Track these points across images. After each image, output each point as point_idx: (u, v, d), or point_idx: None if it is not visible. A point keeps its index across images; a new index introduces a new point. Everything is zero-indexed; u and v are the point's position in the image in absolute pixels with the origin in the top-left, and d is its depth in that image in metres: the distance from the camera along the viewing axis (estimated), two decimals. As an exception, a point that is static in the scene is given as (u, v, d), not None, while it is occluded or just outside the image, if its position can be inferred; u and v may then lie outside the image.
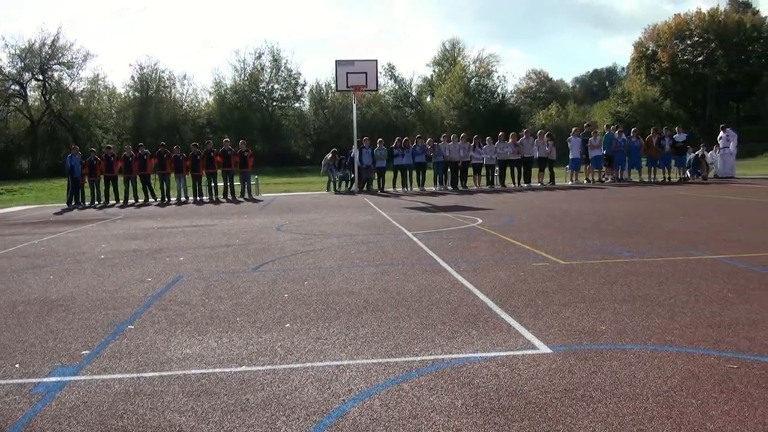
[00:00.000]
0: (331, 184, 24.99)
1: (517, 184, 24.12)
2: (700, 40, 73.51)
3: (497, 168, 24.71)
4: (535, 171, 25.01)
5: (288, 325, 5.41)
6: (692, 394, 3.67)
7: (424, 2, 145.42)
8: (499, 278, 6.96)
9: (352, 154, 24.19)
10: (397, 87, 68.42)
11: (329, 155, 25.41)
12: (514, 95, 78.50)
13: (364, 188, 23.96)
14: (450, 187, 23.94)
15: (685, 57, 74.56)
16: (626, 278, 6.81)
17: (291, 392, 3.91)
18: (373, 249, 9.44)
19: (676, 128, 26.57)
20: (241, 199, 22.18)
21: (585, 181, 24.97)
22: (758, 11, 76.44)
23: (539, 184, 24.20)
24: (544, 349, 4.52)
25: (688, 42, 74.61)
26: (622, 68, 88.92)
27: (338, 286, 6.87)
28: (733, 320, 5.15)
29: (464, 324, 5.20)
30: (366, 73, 23.65)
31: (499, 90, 68.84)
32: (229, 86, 62.68)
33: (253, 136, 56.08)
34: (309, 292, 6.66)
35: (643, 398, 3.62)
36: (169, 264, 8.78)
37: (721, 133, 26.43)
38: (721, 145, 26.12)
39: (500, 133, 25.05)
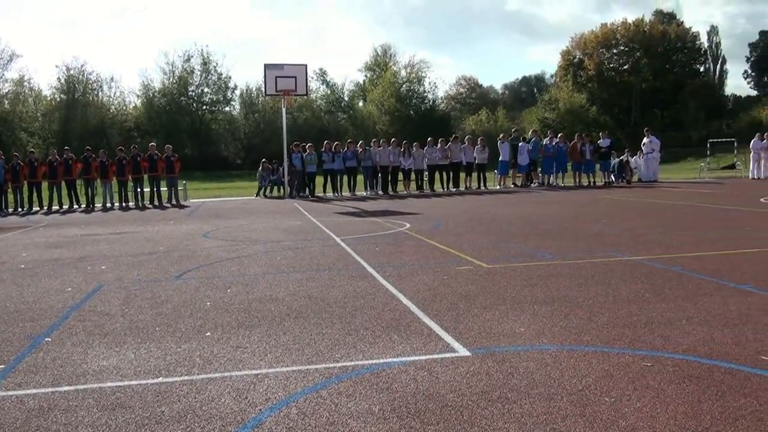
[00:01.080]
0: (261, 190, 24.78)
1: (446, 189, 24.38)
2: (626, 49, 76.03)
3: (426, 173, 24.94)
4: (463, 176, 25.31)
5: (208, 334, 5.32)
6: (606, 392, 3.76)
7: (356, 7, 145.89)
8: (424, 282, 7.01)
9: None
10: (329, 92, 68.33)
11: (261, 167, 25.22)
12: (445, 101, 79.38)
13: (295, 193, 23.84)
14: (380, 192, 24.04)
15: (611, 65, 76.93)
16: (547, 280, 6.95)
17: (207, 403, 3.84)
18: (300, 255, 9.39)
19: (600, 134, 27.28)
20: (168, 205, 21.78)
21: (512, 186, 25.42)
22: (682, 22, 79.46)
23: (468, 189, 24.53)
24: (463, 352, 4.57)
25: (614, 51, 77.05)
26: (550, 75, 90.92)
27: (262, 293, 6.80)
28: (649, 319, 5.31)
29: (386, 329, 5.21)
30: (295, 77, 23.58)
31: (430, 96, 69.61)
32: (157, 89, 61.47)
33: (182, 140, 55.17)
34: (232, 299, 6.58)
35: (557, 398, 3.69)
36: (91, 273, 8.55)
37: (645, 139, 27.29)
38: (644, 150, 26.97)
39: (429, 139, 25.30)
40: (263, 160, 25.91)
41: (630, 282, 6.79)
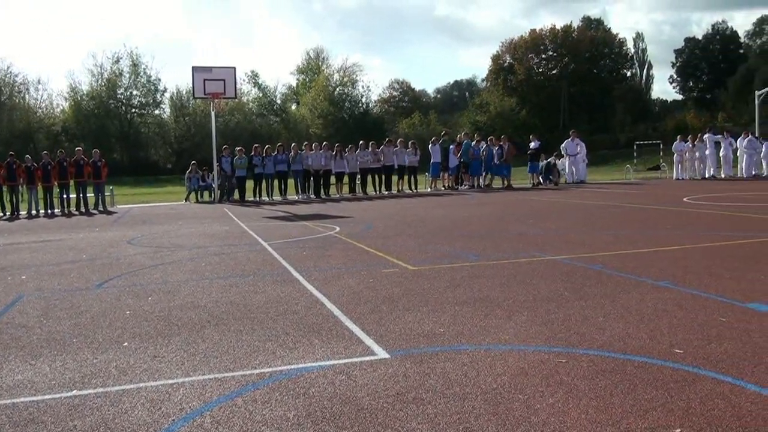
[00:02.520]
0: (190, 194, 24.39)
1: (378, 192, 24.46)
2: (555, 54, 77.94)
3: (359, 176, 24.98)
4: (395, 179, 25.44)
5: (126, 344, 5.19)
6: (520, 390, 3.82)
7: (287, 9, 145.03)
8: (349, 286, 7.00)
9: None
10: (261, 95, 67.69)
11: (189, 171, 24.82)
12: (378, 104, 79.65)
13: (225, 198, 23.55)
14: (312, 196, 23.95)
15: (540, 70, 78.66)
16: (470, 281, 7.02)
17: (121, 415, 3.74)
18: (225, 261, 9.26)
19: (530, 136, 27.79)
20: (95, 212, 21.23)
21: (443, 188, 25.67)
22: (609, 29, 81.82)
23: (400, 192, 24.66)
24: (382, 354, 4.57)
25: (543, 56, 78.81)
26: (482, 80, 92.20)
27: (183, 301, 6.68)
28: (567, 317, 5.42)
29: (307, 334, 5.18)
30: (224, 80, 23.31)
31: (363, 99, 69.82)
32: (85, 92, 59.88)
33: (110, 144, 53.99)
34: (152, 308, 6.43)
35: (472, 397, 3.72)
36: (11, 284, 8.24)
37: (568, 140, 27.96)
38: (568, 152, 27.58)
39: (360, 142, 25.35)
40: (192, 162, 25.51)
41: (551, 281, 6.91)
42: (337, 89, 68.53)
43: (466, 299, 6.17)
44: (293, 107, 71.67)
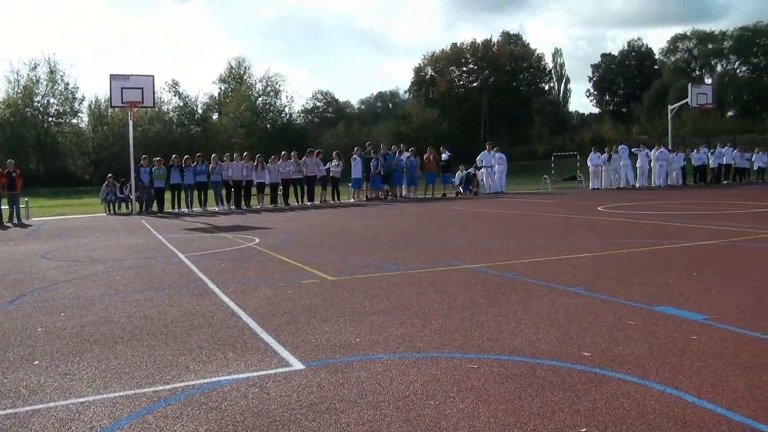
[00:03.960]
0: (108, 206, 23.74)
1: (300, 203, 24.35)
2: (475, 67, 79.38)
3: (281, 187, 24.80)
4: (318, 189, 25.38)
5: (37, 362, 5.01)
6: (432, 396, 3.87)
7: (210, 18, 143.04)
8: (266, 298, 6.95)
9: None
10: (182, 104, 66.26)
11: (105, 183, 24.16)
12: (302, 115, 79.35)
13: (144, 210, 23.02)
14: (233, 207, 23.63)
15: (461, 83, 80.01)
16: (388, 290, 7.08)
17: (29, 436, 3.62)
18: (140, 274, 9.05)
19: (441, 148, 28.16)
20: (9, 225, 20.37)
21: (365, 199, 25.76)
22: (528, 44, 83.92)
23: (323, 202, 24.63)
24: (297, 365, 4.56)
25: (464, 69, 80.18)
26: (404, 91, 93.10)
27: (96, 316, 6.49)
28: (480, 323, 5.52)
29: (222, 347, 5.11)
30: (142, 88, 22.80)
31: (286, 109, 69.25)
32: (1, 100, 57.55)
33: (26, 154, 52.05)
34: (64, 324, 6.23)
35: (384, 405, 3.76)
36: None
37: (484, 152, 28.57)
38: (484, 163, 28.13)
39: (283, 152, 25.22)
40: (109, 175, 24.83)
41: (467, 289, 7.04)
42: (260, 99, 67.89)
43: (383, 308, 6.21)
44: (214, 117, 70.51)
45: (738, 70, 72.52)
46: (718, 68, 74.22)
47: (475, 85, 78.87)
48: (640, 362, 4.38)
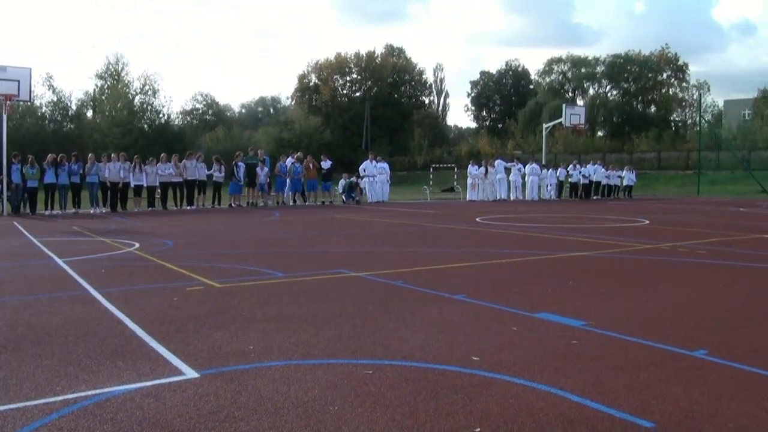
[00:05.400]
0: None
1: (179, 207, 23.78)
2: (359, 77, 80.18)
3: (159, 190, 24.10)
4: (197, 194, 24.87)
5: None
6: (330, 401, 3.93)
7: (89, 12, 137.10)
8: (152, 305, 6.78)
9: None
10: (56, 99, 62.96)
11: None
12: (180, 116, 77.46)
13: (14, 210, 21.75)
14: (109, 210, 22.75)
15: (345, 92, 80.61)
16: (277, 298, 7.07)
17: None
18: (16, 279, 8.58)
19: (322, 156, 28.34)
20: None
21: (247, 205, 25.49)
22: (410, 57, 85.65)
23: (202, 207, 24.18)
24: (191, 374, 4.49)
25: (348, 78, 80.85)
26: (287, 97, 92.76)
27: (-32, 323, 6.14)
28: (372, 330, 5.63)
29: (111, 356, 4.96)
30: (19, 81, 21.60)
31: (164, 110, 67.25)
32: None
33: None
34: (-69, 331, 5.86)
35: (284, 411, 3.78)
36: None
37: (366, 161, 28.98)
38: (366, 172, 28.50)
39: (162, 155, 24.57)
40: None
41: (355, 296, 7.14)
42: (138, 97, 65.61)
43: (273, 316, 6.21)
44: (89, 114, 67.47)
45: (609, 94, 76.85)
46: (591, 91, 78.33)
47: (358, 94, 79.68)
48: (525, 365, 4.62)
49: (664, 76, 75.99)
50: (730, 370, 4.57)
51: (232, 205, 25.11)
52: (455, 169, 39.53)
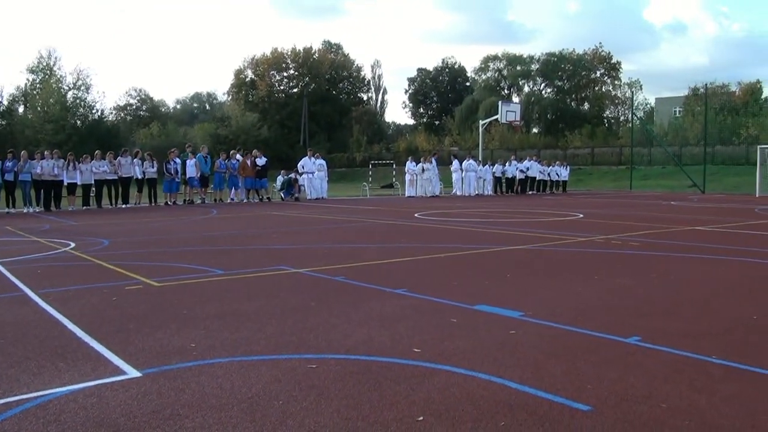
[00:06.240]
0: None
1: (114, 205, 23.32)
2: (296, 73, 79.74)
3: (94, 188, 23.60)
4: (133, 191, 24.44)
5: None
6: (275, 396, 3.97)
7: (21, 5, 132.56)
8: (91, 305, 6.68)
9: None
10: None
11: None
12: (114, 112, 75.79)
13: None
14: (41, 209, 22.15)
15: (282, 88, 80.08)
16: (218, 295, 7.06)
17: None
18: (-57, 281, 8.35)
19: (254, 152, 28.19)
20: None
21: (183, 202, 25.16)
22: (348, 54, 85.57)
23: (138, 205, 23.78)
24: (133, 373, 4.47)
25: (285, 74, 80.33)
26: (223, 93, 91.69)
27: None
28: (315, 325, 5.67)
29: (51, 357, 4.88)
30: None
31: (98, 105, 65.66)
32: None
33: None
34: None
35: (228, 407, 3.80)
36: None
37: (305, 158, 28.94)
38: (306, 169, 28.45)
39: (97, 151, 24.06)
40: None
41: (297, 292, 7.18)
42: (70, 93, 63.85)
43: (215, 313, 6.20)
44: (21, 110, 65.31)
45: (544, 91, 78.40)
46: (526, 88, 79.85)
47: (295, 90, 79.29)
48: (465, 355, 4.75)
49: (598, 74, 78.05)
50: (663, 354, 4.79)
51: (168, 203, 24.74)
52: (394, 165, 39.76)
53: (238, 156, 26.64)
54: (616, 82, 78.28)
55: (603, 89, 78.36)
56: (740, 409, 3.72)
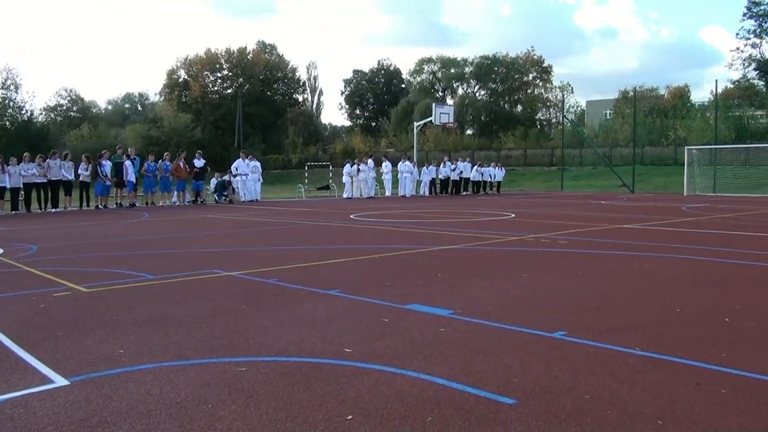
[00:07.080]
0: None
1: (44, 209, 22.70)
2: (230, 74, 78.85)
3: (23, 192, 22.89)
4: (63, 195, 23.80)
5: None
6: (203, 400, 3.97)
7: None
8: (18, 312, 6.52)
9: None
10: None
11: None
12: (44, 112, 73.63)
13: None
14: (-36, 215, 21.40)
15: (216, 88, 79.08)
16: (147, 300, 6.97)
17: None
18: None
19: (195, 154, 27.86)
20: None
21: (116, 206, 24.67)
22: (282, 54, 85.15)
23: (67, 209, 23.20)
24: (61, 382, 4.39)
25: (219, 74, 79.36)
26: (156, 93, 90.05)
27: None
28: (246, 328, 5.68)
29: (-26, 366, 4.77)
30: None
31: (27, 106, 63.61)
32: None
33: None
34: None
35: (157, 413, 3.79)
36: None
37: (239, 160, 28.74)
38: (239, 171, 28.23)
39: (25, 154, 23.36)
40: None
41: (228, 296, 7.15)
42: (-1, 92, 61.74)
43: (144, 319, 6.13)
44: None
45: (477, 93, 79.56)
46: (460, 91, 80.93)
47: (229, 91, 78.39)
48: (395, 354, 4.83)
49: (530, 77, 79.68)
50: (587, 347, 4.98)
51: (99, 206, 24.19)
52: (330, 167, 39.73)
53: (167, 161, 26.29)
54: (548, 85, 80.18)
55: (535, 92, 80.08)
56: (660, 398, 3.90)
